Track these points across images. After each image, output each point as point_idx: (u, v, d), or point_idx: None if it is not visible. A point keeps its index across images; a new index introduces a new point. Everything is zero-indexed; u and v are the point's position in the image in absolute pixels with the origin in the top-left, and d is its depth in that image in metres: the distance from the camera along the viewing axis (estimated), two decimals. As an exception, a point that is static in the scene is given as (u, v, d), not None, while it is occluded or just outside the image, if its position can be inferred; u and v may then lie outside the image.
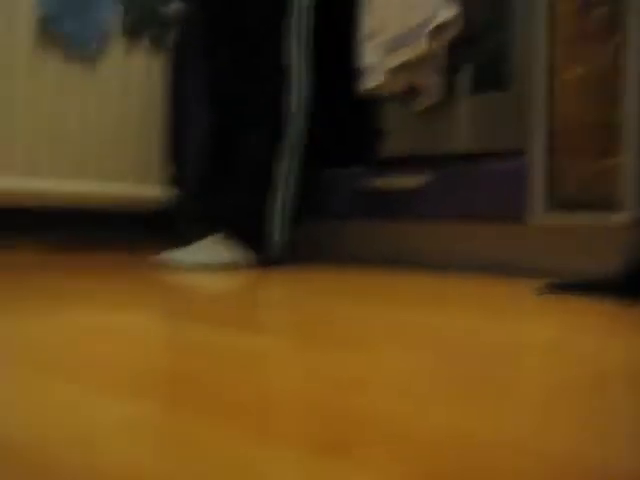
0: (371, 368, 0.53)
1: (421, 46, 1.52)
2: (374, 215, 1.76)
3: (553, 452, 0.34)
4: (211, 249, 1.47)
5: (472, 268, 1.64)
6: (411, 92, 1.61)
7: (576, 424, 0.39)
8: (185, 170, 1.91)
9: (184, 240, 1.50)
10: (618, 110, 1.45)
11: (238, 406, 0.41)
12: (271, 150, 1.56)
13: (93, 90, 1.87)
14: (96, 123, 1.88)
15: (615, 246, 1.44)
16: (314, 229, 1.85)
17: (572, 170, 1.52)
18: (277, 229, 1.58)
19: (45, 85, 1.77)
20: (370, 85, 1.61)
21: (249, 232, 1.53)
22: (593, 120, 1.49)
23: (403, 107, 1.65)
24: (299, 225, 1.69)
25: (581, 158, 1.51)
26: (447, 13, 1.50)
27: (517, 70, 1.51)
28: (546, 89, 1.50)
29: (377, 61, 1.60)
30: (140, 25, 1.95)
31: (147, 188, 1.97)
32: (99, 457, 0.32)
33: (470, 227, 1.67)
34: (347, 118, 1.77)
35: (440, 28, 1.51)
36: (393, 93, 1.63)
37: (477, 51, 1.55)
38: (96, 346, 0.61)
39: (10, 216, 1.71)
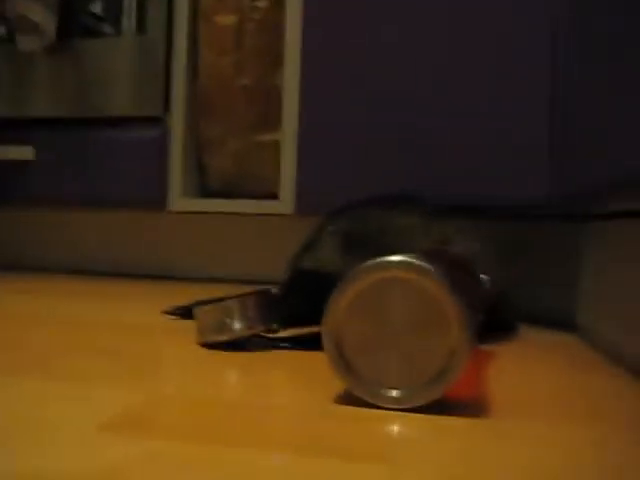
0: None
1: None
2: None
3: None
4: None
5: (103, 266, 1.48)
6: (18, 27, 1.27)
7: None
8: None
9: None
10: (277, 74, 1.26)
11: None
12: None
13: None
14: None
15: (274, 240, 1.39)
16: None
17: (221, 147, 1.32)
18: None
19: None
20: None
21: None
22: (249, 84, 1.28)
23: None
24: None
25: (232, 131, 1.31)
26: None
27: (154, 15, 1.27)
28: (189, 38, 1.29)
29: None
30: None
31: None
32: None
33: (97, 214, 1.48)
34: None
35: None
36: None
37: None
38: None
39: None
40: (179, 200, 1.36)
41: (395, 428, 0.40)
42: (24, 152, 1.36)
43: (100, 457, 0.34)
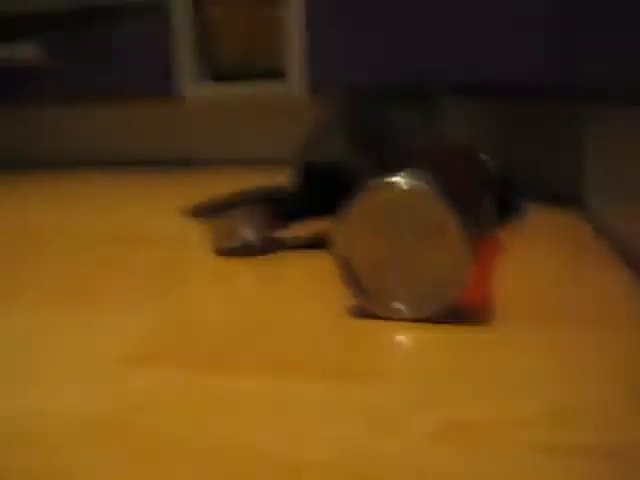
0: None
1: None
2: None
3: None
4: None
5: (123, 158, 1.47)
6: None
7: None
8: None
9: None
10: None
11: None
12: None
13: None
14: None
15: (289, 122, 1.36)
16: None
17: (228, 25, 1.31)
18: None
19: None
20: None
21: None
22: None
23: None
24: None
25: (236, 9, 1.30)
26: None
27: None
28: None
29: None
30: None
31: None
32: None
33: (110, 107, 1.45)
34: None
35: None
36: None
37: None
38: None
39: None
40: (190, 85, 1.35)
41: (398, 342, 0.43)
42: (33, 51, 1.35)
43: (122, 391, 0.37)
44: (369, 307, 0.46)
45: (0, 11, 1.37)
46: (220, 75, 1.41)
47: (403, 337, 0.44)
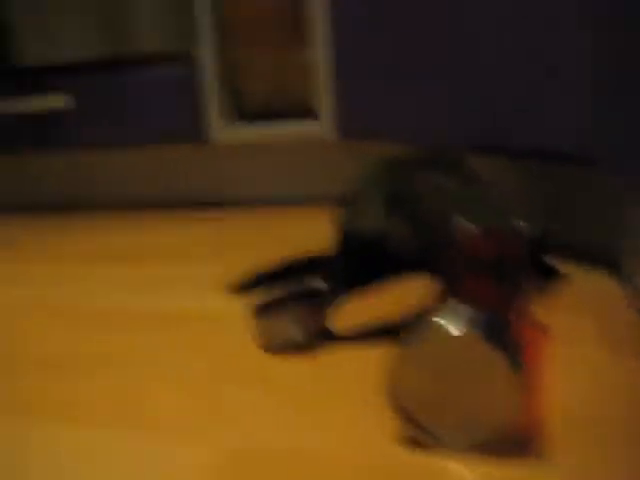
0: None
1: None
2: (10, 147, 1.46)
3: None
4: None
5: (151, 200, 1.52)
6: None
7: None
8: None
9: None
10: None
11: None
12: None
13: None
14: None
15: (320, 161, 1.38)
16: None
17: (254, 70, 1.33)
18: None
19: None
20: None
21: None
22: (273, 4, 1.25)
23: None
24: None
25: (263, 53, 1.32)
26: None
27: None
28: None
29: None
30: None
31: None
32: None
33: (140, 153, 1.50)
34: None
35: None
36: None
37: None
38: None
39: None
40: (219, 131, 1.36)
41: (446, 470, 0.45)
42: (58, 100, 1.37)
43: None
44: (421, 439, 0.47)
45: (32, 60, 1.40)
46: (249, 116, 1.43)
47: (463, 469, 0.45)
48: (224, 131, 1.37)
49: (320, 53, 1.25)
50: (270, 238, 1.16)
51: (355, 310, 0.76)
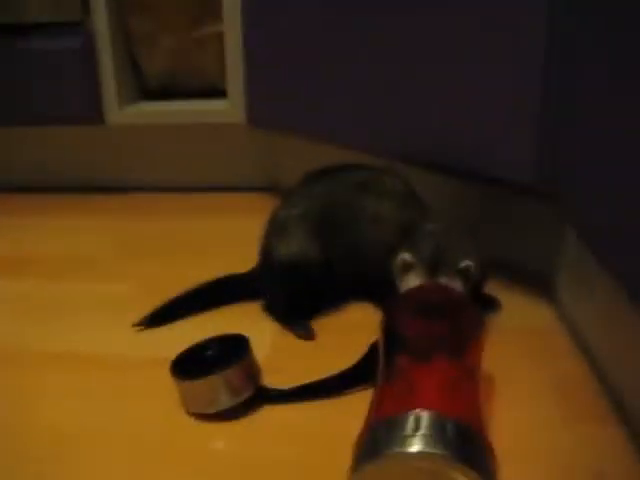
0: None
1: None
2: None
3: None
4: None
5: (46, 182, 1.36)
6: None
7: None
8: None
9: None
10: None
11: None
12: None
13: None
14: None
15: (229, 146, 1.28)
16: None
17: (156, 46, 1.22)
18: None
19: None
20: None
21: None
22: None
23: None
24: None
25: (168, 26, 1.20)
26: None
27: None
28: None
29: None
30: None
31: None
32: None
33: (33, 132, 1.33)
34: None
35: None
36: None
37: None
38: None
39: None
40: (115, 113, 1.23)
41: None
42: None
43: None
44: None
45: None
46: (150, 94, 1.30)
47: None
48: (122, 111, 1.24)
49: (231, 28, 1.14)
50: (176, 237, 1.06)
51: (289, 354, 0.70)
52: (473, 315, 0.59)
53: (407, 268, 0.70)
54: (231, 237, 0.80)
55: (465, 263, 0.69)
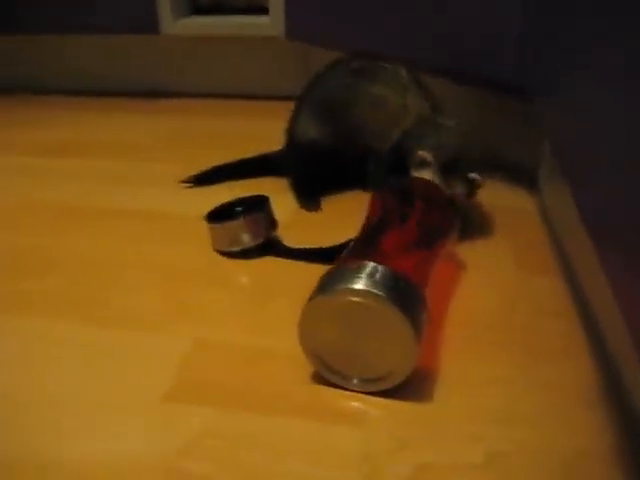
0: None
1: None
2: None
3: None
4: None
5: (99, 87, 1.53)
6: None
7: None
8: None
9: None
10: None
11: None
12: None
13: None
14: None
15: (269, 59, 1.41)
16: None
17: None
18: None
19: None
20: None
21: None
22: None
23: None
24: None
25: None
26: None
27: None
28: None
29: None
30: None
31: None
32: None
33: (91, 41, 1.49)
34: None
35: None
36: None
37: None
38: None
39: None
40: (170, 24, 1.38)
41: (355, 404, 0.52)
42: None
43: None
44: (328, 378, 0.53)
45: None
46: (201, 10, 1.44)
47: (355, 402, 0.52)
48: (176, 23, 1.38)
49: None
50: (220, 134, 1.22)
51: (303, 224, 0.84)
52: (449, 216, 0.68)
53: (423, 165, 0.77)
54: (267, 137, 0.94)
55: (474, 175, 0.75)
